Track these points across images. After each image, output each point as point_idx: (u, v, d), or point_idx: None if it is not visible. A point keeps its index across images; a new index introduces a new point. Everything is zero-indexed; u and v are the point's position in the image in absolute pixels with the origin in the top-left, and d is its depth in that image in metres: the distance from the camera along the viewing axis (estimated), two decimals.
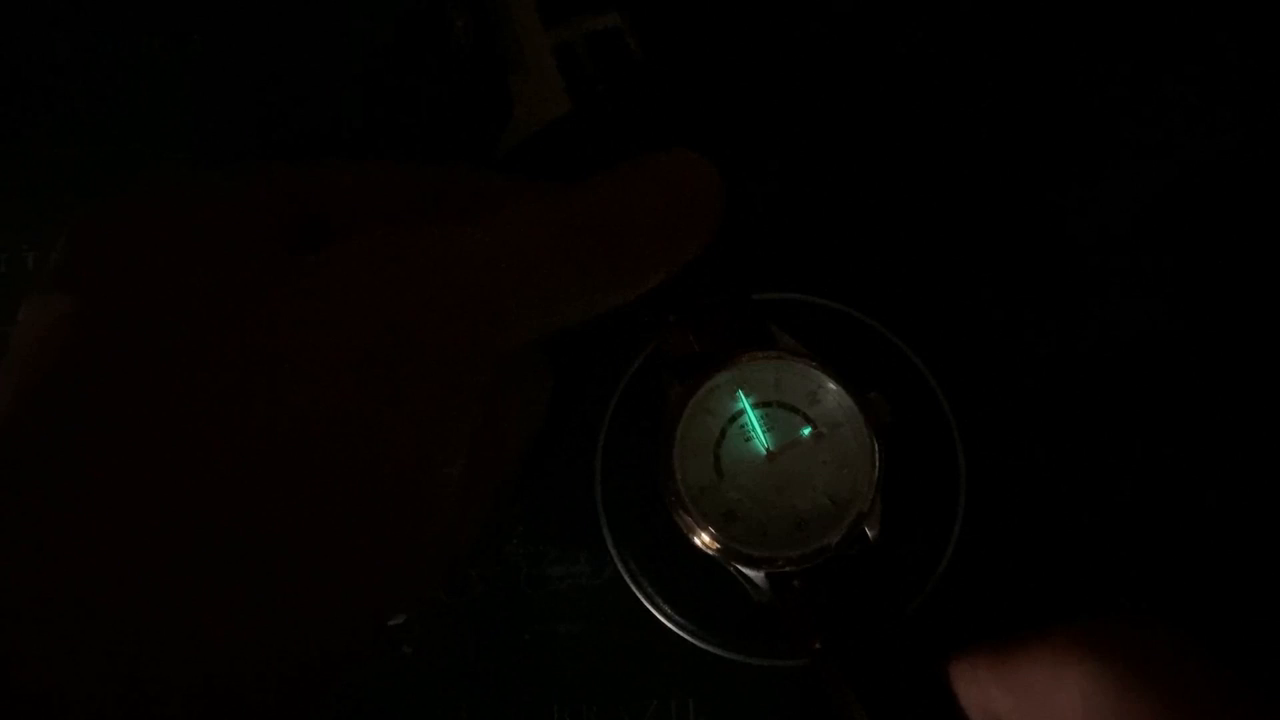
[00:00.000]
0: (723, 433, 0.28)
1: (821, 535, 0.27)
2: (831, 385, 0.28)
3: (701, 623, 0.30)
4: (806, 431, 0.28)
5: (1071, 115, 0.33)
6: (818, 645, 0.26)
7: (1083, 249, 0.33)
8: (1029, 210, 0.33)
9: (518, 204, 0.20)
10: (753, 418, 0.28)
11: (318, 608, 0.18)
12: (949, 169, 0.33)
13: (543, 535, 0.32)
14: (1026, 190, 0.33)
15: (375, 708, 0.31)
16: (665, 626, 0.30)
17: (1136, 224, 0.33)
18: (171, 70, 0.34)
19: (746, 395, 0.28)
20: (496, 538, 0.31)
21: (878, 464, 0.27)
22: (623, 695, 0.31)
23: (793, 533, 0.27)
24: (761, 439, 0.28)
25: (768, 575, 0.27)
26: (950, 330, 0.32)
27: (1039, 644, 0.23)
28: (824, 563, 0.27)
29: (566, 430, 0.32)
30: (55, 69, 0.34)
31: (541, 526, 0.32)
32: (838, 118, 0.33)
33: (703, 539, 0.27)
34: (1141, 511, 0.31)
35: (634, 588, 0.31)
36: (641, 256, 0.22)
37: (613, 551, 0.31)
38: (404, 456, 0.18)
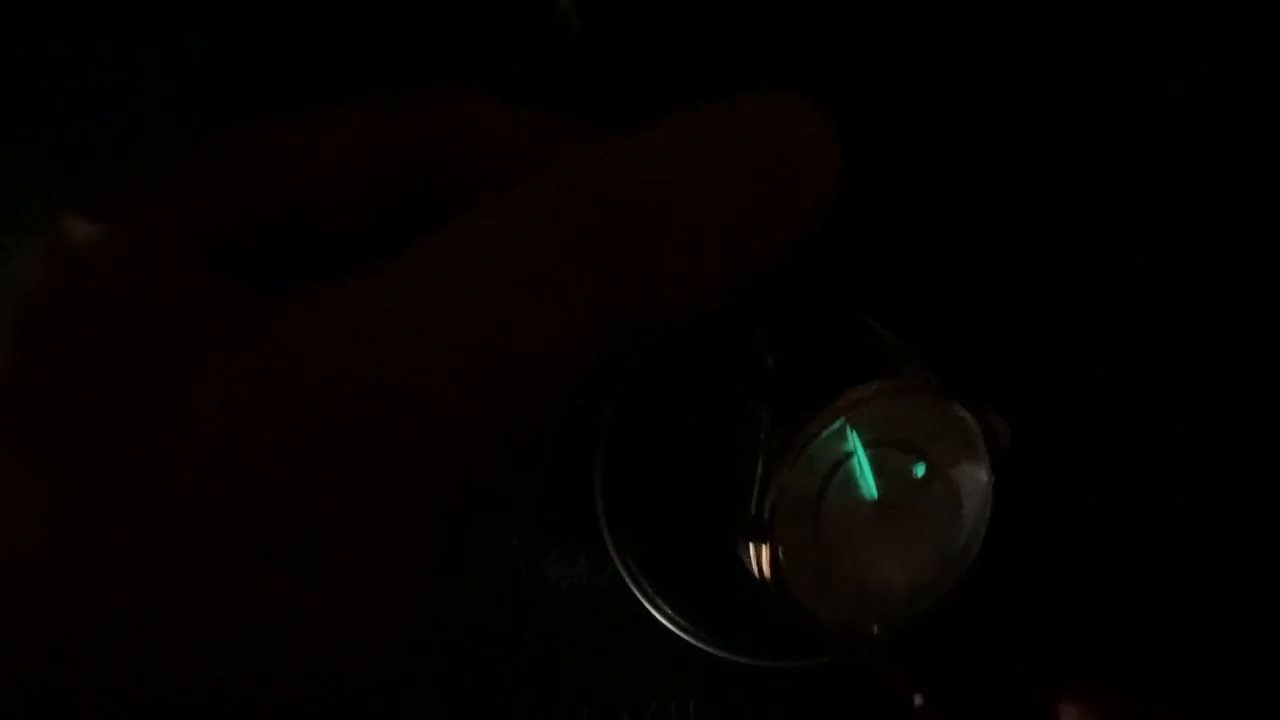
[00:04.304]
0: (826, 479, 0.23)
1: (927, 595, 0.23)
2: (956, 415, 0.23)
3: (701, 623, 0.30)
4: (920, 470, 0.23)
5: (1074, 114, 0.33)
6: (919, 701, 0.24)
7: (1094, 245, 0.32)
8: (1038, 206, 0.33)
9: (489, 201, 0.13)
10: (864, 461, 0.23)
11: None
12: (947, 167, 0.33)
13: (543, 535, 0.31)
14: (1036, 186, 0.33)
15: None
16: (665, 627, 0.30)
17: (1154, 223, 0.33)
18: (171, 70, 0.34)
19: (860, 435, 0.22)
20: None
21: (990, 503, 0.23)
22: (623, 696, 0.30)
23: (893, 592, 0.23)
24: (870, 485, 0.23)
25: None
26: (957, 334, 0.32)
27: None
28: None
29: (567, 430, 0.32)
30: (54, 69, 0.34)
31: (541, 527, 0.32)
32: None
33: (776, 588, 0.23)
34: (1162, 513, 0.31)
35: (634, 588, 0.31)
36: (711, 253, 0.14)
37: (613, 552, 0.31)
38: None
